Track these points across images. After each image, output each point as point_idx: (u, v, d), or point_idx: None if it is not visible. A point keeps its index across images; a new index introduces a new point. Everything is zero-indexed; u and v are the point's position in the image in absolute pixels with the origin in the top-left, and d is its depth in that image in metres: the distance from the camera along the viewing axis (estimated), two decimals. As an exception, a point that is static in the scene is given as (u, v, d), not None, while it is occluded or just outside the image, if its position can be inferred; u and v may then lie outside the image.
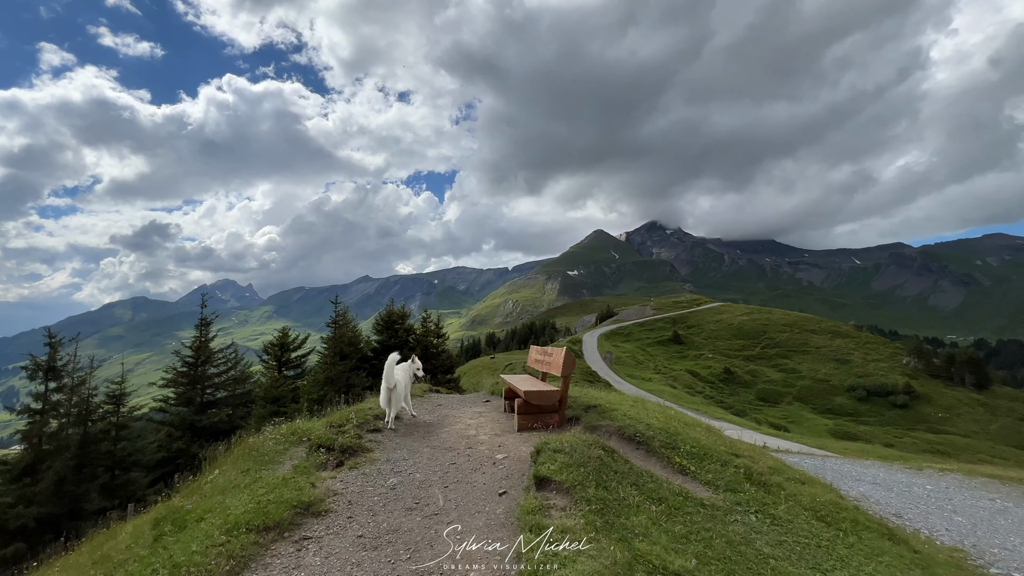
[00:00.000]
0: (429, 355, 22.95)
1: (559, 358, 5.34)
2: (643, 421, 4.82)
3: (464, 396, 11.68)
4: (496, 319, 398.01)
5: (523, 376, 6.84)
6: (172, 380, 18.87)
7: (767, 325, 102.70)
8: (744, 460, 4.22)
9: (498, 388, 8.89)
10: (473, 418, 6.50)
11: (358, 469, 4.32)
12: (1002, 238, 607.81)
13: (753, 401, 76.76)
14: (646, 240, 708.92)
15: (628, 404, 5.89)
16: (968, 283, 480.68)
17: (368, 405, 6.86)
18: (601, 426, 4.81)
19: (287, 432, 6.14)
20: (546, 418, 5.22)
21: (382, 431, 5.59)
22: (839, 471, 9.34)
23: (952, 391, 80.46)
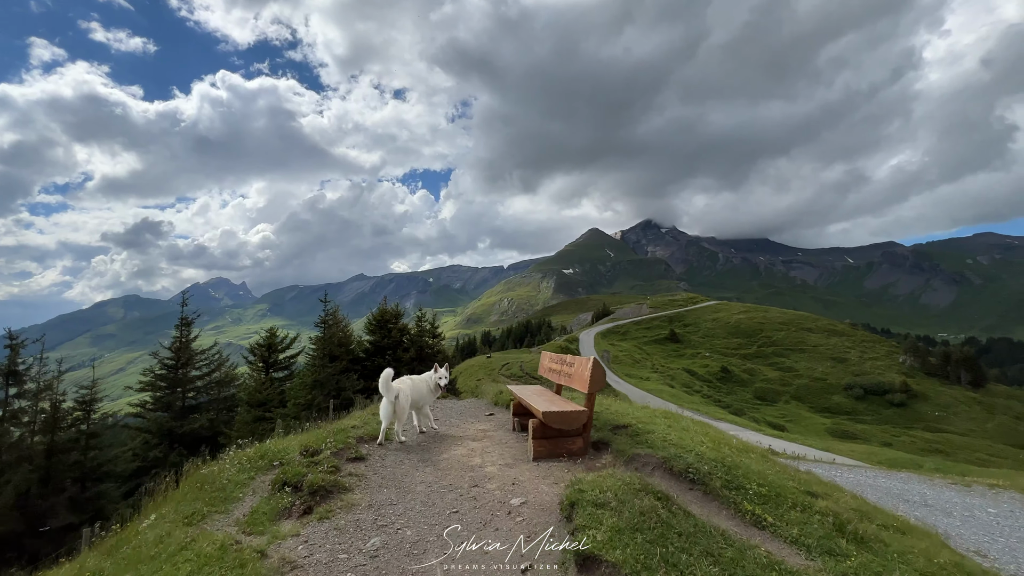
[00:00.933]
0: (424, 356, 21.94)
1: (584, 370, 4.32)
2: (690, 448, 3.86)
3: (463, 403, 10.70)
4: (492, 317, 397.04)
5: (534, 388, 5.88)
6: (150, 383, 17.73)
7: (764, 324, 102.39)
8: (824, 502, 3.30)
9: (502, 399, 7.93)
10: (476, 438, 5.53)
11: (330, 520, 3.30)
12: (992, 237, 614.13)
13: (751, 400, 76.29)
14: (641, 239, 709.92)
15: (663, 423, 4.93)
16: (959, 282, 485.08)
17: (351, 422, 5.84)
18: (639, 456, 3.84)
19: (254, 456, 5.12)
20: (567, 443, 4.25)
21: (366, 459, 4.57)
22: (879, 487, 8.42)
23: (949, 389, 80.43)
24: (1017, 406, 78.41)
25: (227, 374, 21.49)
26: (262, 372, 21.79)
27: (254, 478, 4.68)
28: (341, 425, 5.56)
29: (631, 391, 51.96)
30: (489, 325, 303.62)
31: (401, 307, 24.94)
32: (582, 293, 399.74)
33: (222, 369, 21.16)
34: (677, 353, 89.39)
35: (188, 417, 17.60)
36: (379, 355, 21.09)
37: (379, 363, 20.69)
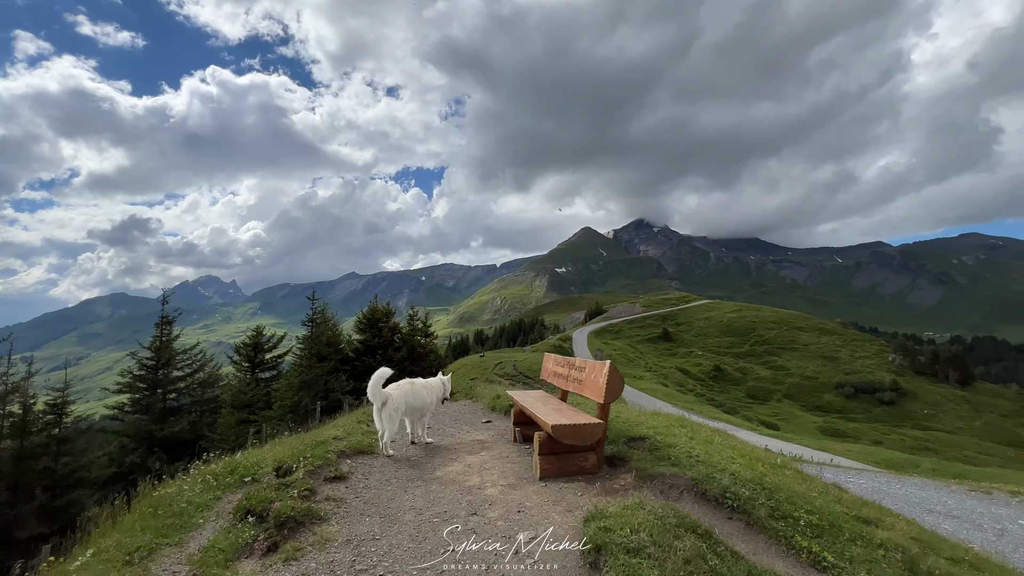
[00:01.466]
0: (416, 356, 21.34)
1: (599, 376, 3.74)
2: (722, 467, 3.33)
3: (457, 406, 10.13)
4: (484, 316, 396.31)
5: (537, 394, 5.35)
6: (128, 385, 16.95)
7: (756, 322, 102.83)
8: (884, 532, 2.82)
9: (500, 404, 7.40)
10: (473, 451, 4.97)
11: (298, 562, 2.71)
12: (977, 237, 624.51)
13: (743, 399, 76.47)
14: (633, 238, 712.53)
15: (682, 434, 4.41)
16: (945, 281, 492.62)
17: (333, 432, 5.25)
18: (663, 476, 3.29)
19: (222, 472, 4.52)
20: (579, 460, 3.69)
21: (347, 479, 3.98)
22: (898, 496, 7.99)
23: (937, 388, 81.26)
24: (1003, 404, 79.43)
25: (211, 374, 20.75)
26: (248, 372, 21.08)
27: (220, 498, 4.09)
28: (321, 436, 4.96)
29: (625, 391, 51.66)
30: (482, 324, 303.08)
31: (393, 306, 24.28)
32: (575, 292, 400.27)
33: (205, 369, 20.42)
34: (670, 352, 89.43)
35: (168, 420, 16.86)
36: (369, 355, 20.46)
37: (369, 363, 20.04)
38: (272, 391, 17.29)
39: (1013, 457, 61.95)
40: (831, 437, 62.58)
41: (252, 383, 18.40)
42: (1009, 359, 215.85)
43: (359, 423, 6.20)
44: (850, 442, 59.80)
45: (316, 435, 4.88)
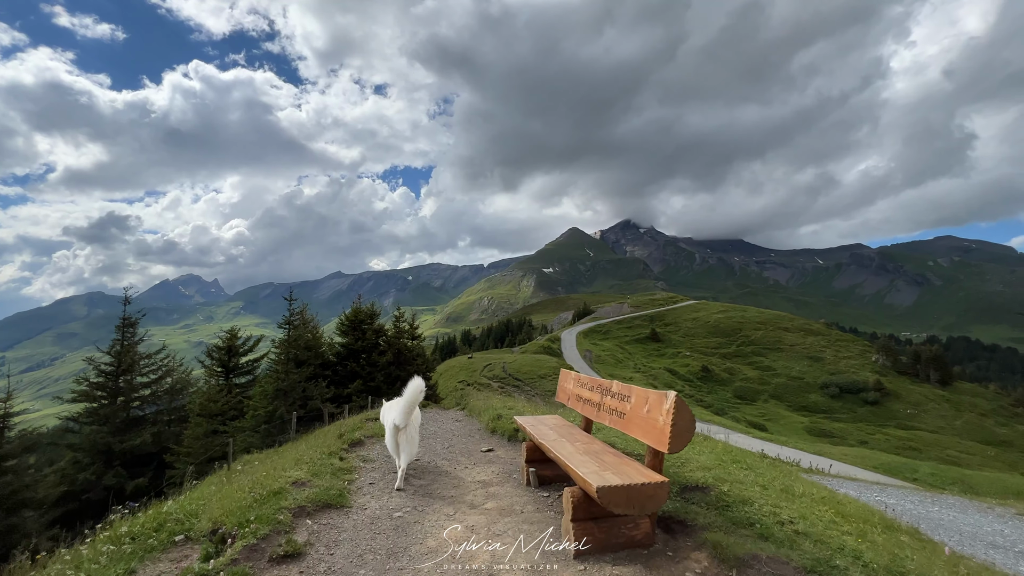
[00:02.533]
0: (403, 360, 20.14)
1: (656, 412, 2.72)
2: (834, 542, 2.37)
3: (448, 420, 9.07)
4: (472, 316, 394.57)
5: (552, 422, 4.31)
6: (85, 393, 15.47)
7: (742, 323, 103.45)
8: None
9: (503, 427, 6.37)
10: (476, 501, 3.82)
11: None
12: (951, 240, 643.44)
13: (731, 399, 76.66)
14: (620, 238, 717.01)
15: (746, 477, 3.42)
16: (921, 283, 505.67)
17: (293, 473, 4.09)
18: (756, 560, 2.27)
19: (146, 528, 3.42)
20: (627, 527, 2.63)
21: (303, 556, 2.80)
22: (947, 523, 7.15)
23: (919, 388, 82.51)
24: (982, 403, 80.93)
25: (180, 380, 19.30)
26: (221, 378, 19.67)
27: (134, 572, 2.98)
28: (277, 481, 3.76)
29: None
30: (469, 324, 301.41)
31: (379, 306, 23.03)
32: (562, 292, 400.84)
33: (174, 375, 18.97)
34: (658, 352, 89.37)
35: (130, 431, 15.44)
36: (352, 359, 19.23)
37: (352, 368, 18.81)
38: (245, 399, 15.97)
39: (993, 456, 63.00)
40: (818, 437, 62.93)
41: (224, 390, 17.04)
42: (982, 359, 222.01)
43: (330, 455, 5.09)
44: (837, 442, 60.18)
45: (271, 480, 3.76)
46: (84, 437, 14.39)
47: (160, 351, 17.74)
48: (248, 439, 14.59)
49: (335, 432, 7.24)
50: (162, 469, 15.19)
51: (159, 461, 15.19)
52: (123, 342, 16.21)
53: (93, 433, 14.47)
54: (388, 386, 18.94)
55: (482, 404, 8.44)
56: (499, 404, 7.69)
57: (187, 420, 16.45)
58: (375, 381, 18.59)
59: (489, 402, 8.50)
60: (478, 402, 9.06)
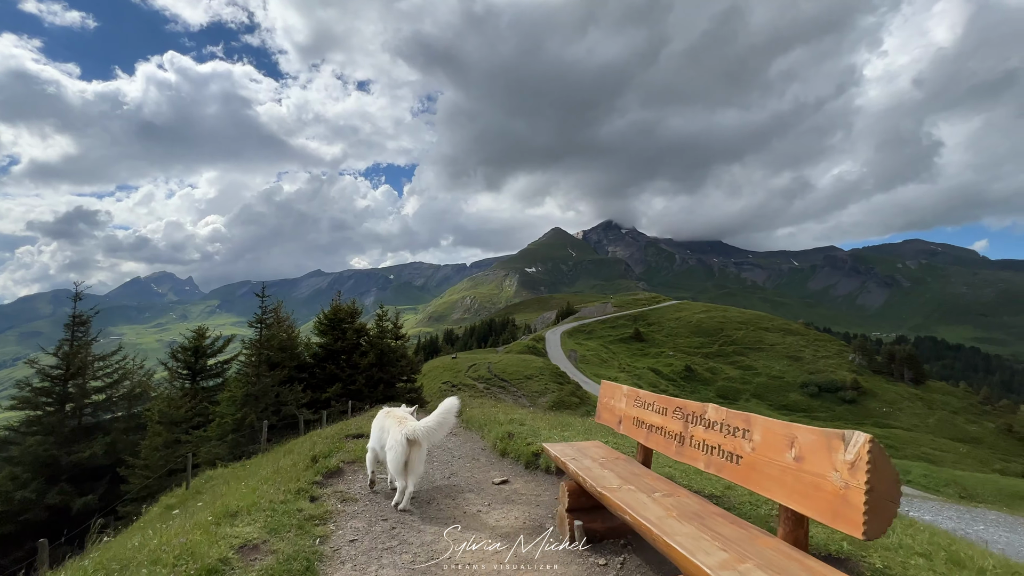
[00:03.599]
0: (386, 361, 18.89)
1: (844, 467, 1.61)
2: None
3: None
4: (454, 315, 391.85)
5: (600, 455, 3.23)
6: (27, 400, 13.83)
7: (724, 323, 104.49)
8: None
9: (516, 449, 5.25)
10: (500, 557, 2.78)
11: None
12: (919, 243, 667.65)
13: (714, 398, 77.03)
14: (602, 239, 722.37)
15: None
16: (890, 284, 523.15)
17: (244, 531, 2.93)
18: None
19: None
20: None
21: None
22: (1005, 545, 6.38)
23: (893, 386, 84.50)
24: (953, 401, 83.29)
25: (141, 384, 17.68)
26: (187, 380, 18.13)
27: None
28: (213, 554, 2.52)
29: (601, 392, 50.49)
30: (452, 323, 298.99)
31: (360, 304, 21.69)
32: (544, 292, 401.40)
33: (133, 378, 17.35)
34: (642, 352, 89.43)
35: (80, 442, 13.87)
36: (331, 360, 17.92)
37: (331, 370, 17.51)
38: (211, 406, 14.54)
39: (965, 453, 64.71)
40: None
41: (188, 394, 15.56)
42: (948, 358, 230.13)
43: (297, 495, 3.96)
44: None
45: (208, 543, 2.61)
46: (24, 449, 12.77)
47: (115, 352, 16.11)
48: (214, 450, 13.20)
49: (307, 452, 6.07)
50: (116, 484, 13.68)
51: (113, 475, 13.68)
52: (73, 342, 14.60)
53: (35, 445, 12.88)
54: (370, 389, 17.70)
55: (481, 415, 7.34)
56: (503, 417, 6.63)
57: (145, 428, 14.94)
58: (356, 384, 17.33)
59: (490, 413, 7.41)
60: (476, 411, 7.97)
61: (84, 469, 13.54)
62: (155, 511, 8.99)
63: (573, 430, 6.78)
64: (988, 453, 66.23)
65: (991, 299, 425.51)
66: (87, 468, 13.57)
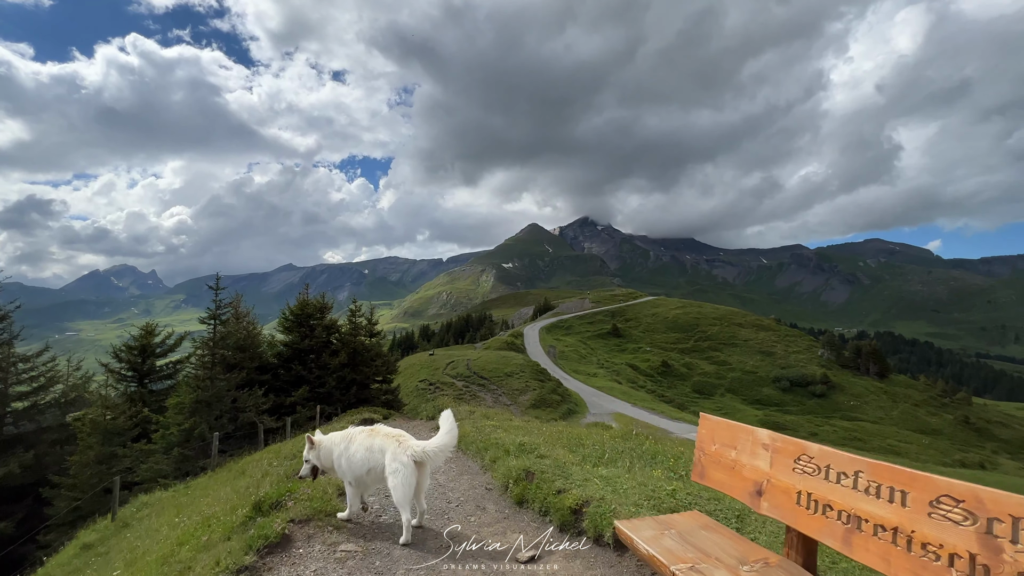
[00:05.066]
0: (359, 360, 17.30)
1: None
2: None
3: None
4: (430, 311, 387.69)
5: (735, 556, 2.02)
6: (-72, 409, 11.74)
7: (699, 318, 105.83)
8: None
9: (537, 497, 3.70)
10: None
11: None
12: (878, 243, 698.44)
13: (690, 393, 77.80)
14: (578, 235, 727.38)
15: None
16: (852, 282, 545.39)
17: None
18: None
19: None
20: None
21: None
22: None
23: (860, 380, 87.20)
24: (915, 394, 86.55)
25: (76, 388, 15.59)
26: (132, 384, 16.13)
27: None
28: None
29: (582, 388, 49.78)
30: (428, 319, 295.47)
31: (332, 299, 19.96)
32: (521, 287, 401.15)
33: (67, 381, 15.26)
34: (619, 348, 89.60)
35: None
36: (297, 360, 16.22)
37: (297, 371, 15.82)
38: (155, 415, 12.70)
39: (928, 444, 67.12)
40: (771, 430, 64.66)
41: (127, 401, 13.64)
42: (904, 352, 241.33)
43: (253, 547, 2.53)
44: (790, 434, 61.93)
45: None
46: (-80, 470, 10.75)
47: (43, 352, 13.97)
48: (157, 466, 11.47)
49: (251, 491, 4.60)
50: (40, 506, 11.75)
51: (36, 496, 11.74)
52: (-12, 342, 12.51)
53: (-65, 463, 10.86)
54: (341, 392, 16.11)
55: (475, 432, 5.92)
56: (507, 438, 5.23)
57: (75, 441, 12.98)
58: (325, 386, 15.71)
59: (487, 430, 5.96)
60: (467, 426, 6.56)
61: (1, 491, 11.56)
62: (69, 551, 7.31)
63: (592, 450, 5.52)
64: (948, 444, 68.87)
65: (943, 296, 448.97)
66: (4, 489, 11.59)
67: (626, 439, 7.36)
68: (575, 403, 40.49)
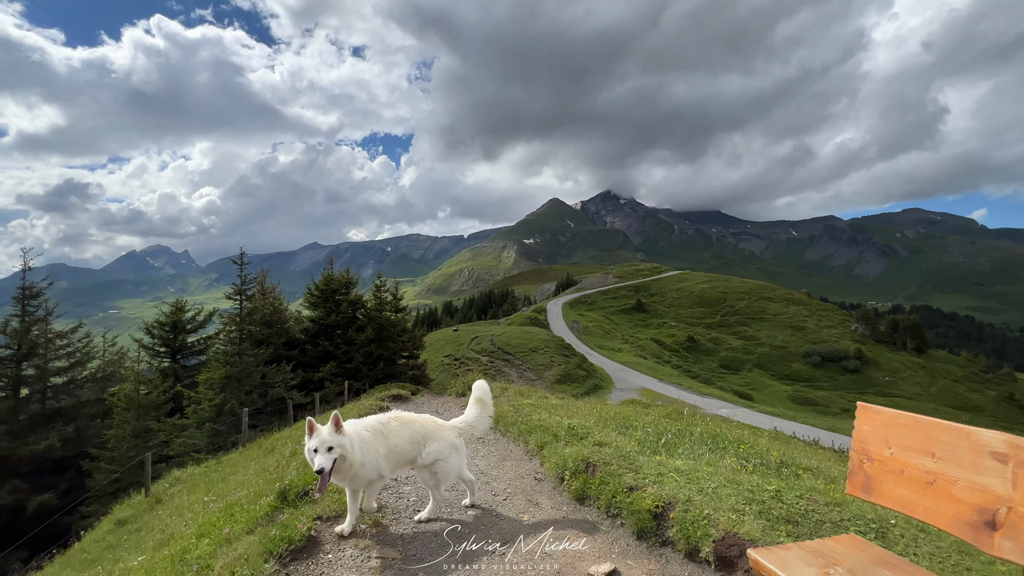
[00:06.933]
0: (385, 336, 17.05)
1: None
2: None
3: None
4: (453, 287, 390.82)
5: None
6: (-29, 384, 12.00)
7: (726, 293, 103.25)
8: None
9: (603, 493, 2.93)
10: None
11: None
12: (918, 212, 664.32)
13: (716, 369, 76.47)
14: (600, 209, 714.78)
15: None
16: (888, 254, 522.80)
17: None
18: None
19: None
20: None
21: None
22: None
23: (896, 355, 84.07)
24: (955, 370, 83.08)
25: (112, 364, 15.84)
26: (164, 360, 16.31)
27: None
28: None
29: (607, 363, 49.28)
30: (451, 295, 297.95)
31: (356, 275, 19.70)
32: (543, 263, 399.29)
33: (103, 357, 15.49)
34: (644, 323, 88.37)
35: (36, 432, 12.11)
36: (324, 336, 16.08)
37: (324, 347, 15.68)
38: (186, 390, 12.73)
39: (968, 422, 64.51)
40: (802, 406, 63.20)
41: (161, 376, 13.75)
42: (942, 326, 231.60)
43: None
44: (821, 411, 60.44)
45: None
46: (-33, 442, 11.06)
47: (77, 328, 14.15)
48: (190, 440, 11.45)
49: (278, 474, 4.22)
50: (82, 478, 12.02)
51: (77, 468, 12.00)
52: (24, 317, 12.65)
53: (-21, 437, 11.14)
54: (368, 367, 15.96)
55: (513, 412, 5.40)
56: (551, 420, 4.70)
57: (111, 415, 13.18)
58: (352, 362, 15.55)
59: (525, 410, 5.42)
60: (504, 405, 6.08)
61: (44, 462, 11.86)
62: (104, 527, 7.23)
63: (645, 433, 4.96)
64: (990, 421, 66.12)
65: (987, 268, 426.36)
66: (47, 461, 11.88)
67: (674, 419, 6.76)
68: (600, 378, 40.07)
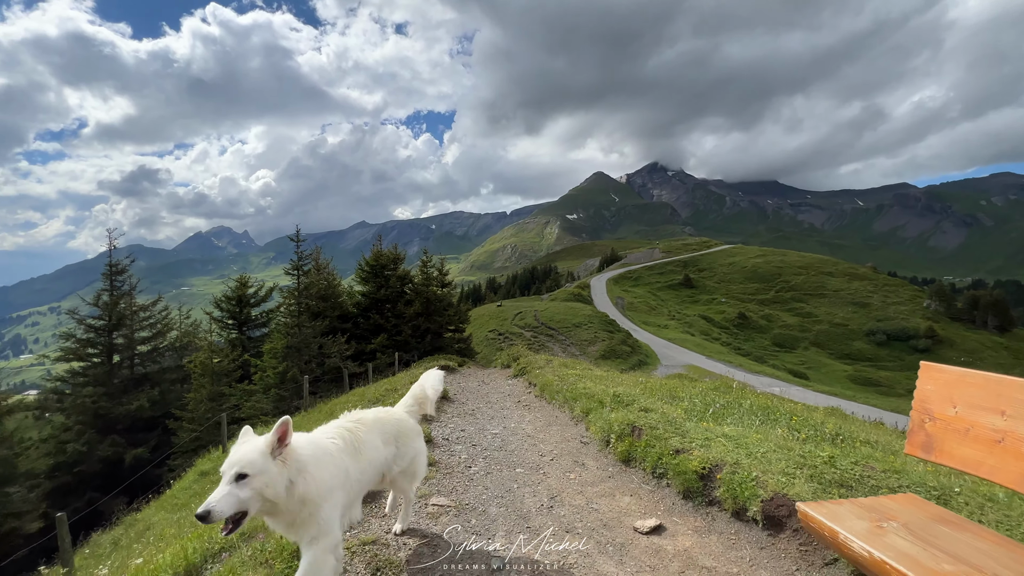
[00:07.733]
0: (432, 310, 17.55)
1: None
2: None
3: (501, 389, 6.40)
4: (496, 264, 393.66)
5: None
6: (74, 351, 13.50)
7: (781, 268, 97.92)
8: None
9: (649, 456, 2.87)
10: None
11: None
12: (1009, 176, 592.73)
13: (768, 346, 73.40)
14: (647, 182, 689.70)
15: None
16: (970, 223, 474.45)
17: None
18: None
19: None
20: None
21: None
22: None
23: (974, 334, 77.31)
24: (1045, 351, 75.42)
25: (188, 335, 17.30)
26: (232, 331, 17.61)
27: None
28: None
29: (652, 339, 48.48)
30: (494, 271, 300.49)
31: (403, 252, 20.28)
32: (586, 238, 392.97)
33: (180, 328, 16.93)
34: (692, 299, 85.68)
35: (129, 394, 13.54)
36: (375, 310, 16.76)
37: (375, 320, 16.35)
38: (253, 359, 13.75)
39: (1058, 407, 58.95)
40: (863, 386, 59.79)
41: (232, 345, 14.91)
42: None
43: None
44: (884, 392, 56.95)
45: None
46: (73, 401, 12.55)
47: (156, 302, 15.56)
48: (258, 404, 12.38)
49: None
50: (168, 435, 13.39)
51: (163, 427, 13.37)
52: (112, 292, 14.04)
53: (83, 397, 12.61)
54: (417, 340, 16.55)
55: (557, 380, 5.53)
56: (596, 388, 4.76)
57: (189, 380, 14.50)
58: (402, 335, 16.16)
59: (570, 379, 5.52)
60: (548, 375, 6.22)
61: (136, 421, 13.31)
62: (190, 477, 8.07)
63: (692, 403, 4.91)
64: (1085, 407, 60.04)
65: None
66: (139, 420, 13.32)
67: (723, 392, 6.64)
68: (645, 354, 39.54)
